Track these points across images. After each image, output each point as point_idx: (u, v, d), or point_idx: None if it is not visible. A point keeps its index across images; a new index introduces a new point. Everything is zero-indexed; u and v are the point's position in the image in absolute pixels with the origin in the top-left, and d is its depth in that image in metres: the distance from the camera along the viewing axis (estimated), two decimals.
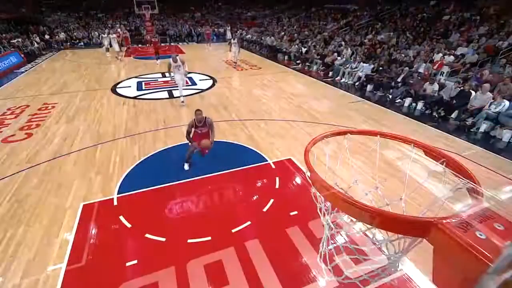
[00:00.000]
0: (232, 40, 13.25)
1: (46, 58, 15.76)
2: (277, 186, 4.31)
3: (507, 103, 6.24)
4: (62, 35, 20.25)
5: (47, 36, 19.64)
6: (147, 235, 3.34)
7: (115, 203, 3.93)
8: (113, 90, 9.49)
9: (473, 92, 6.92)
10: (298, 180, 4.51)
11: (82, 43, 20.82)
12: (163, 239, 3.29)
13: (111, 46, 15.04)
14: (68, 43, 19.96)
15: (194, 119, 4.46)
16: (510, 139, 5.87)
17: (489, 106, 6.43)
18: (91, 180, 4.44)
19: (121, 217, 3.62)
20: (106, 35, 15.92)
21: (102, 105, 7.98)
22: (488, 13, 11.48)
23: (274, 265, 2.98)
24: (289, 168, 4.83)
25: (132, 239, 3.34)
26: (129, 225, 3.51)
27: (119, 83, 10.38)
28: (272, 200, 3.98)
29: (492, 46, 9.19)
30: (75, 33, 21.42)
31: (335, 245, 1.74)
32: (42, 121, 6.86)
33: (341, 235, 1.86)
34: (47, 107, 7.82)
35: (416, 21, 13.63)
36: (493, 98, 6.51)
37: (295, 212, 3.74)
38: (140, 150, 5.36)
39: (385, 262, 1.69)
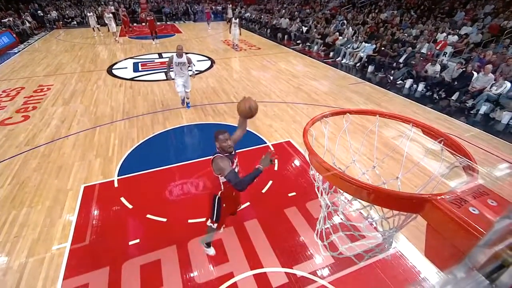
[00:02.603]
0: (233, 19, 12.06)
1: (39, 38, 15.29)
2: (275, 168, 4.35)
3: (508, 84, 6.17)
4: (54, 14, 19.49)
5: (40, 13, 18.91)
6: (148, 216, 3.41)
7: (116, 185, 3.98)
8: (109, 71, 9.30)
9: (475, 73, 6.81)
10: (296, 162, 4.55)
11: (75, 22, 20.10)
12: (164, 220, 3.37)
13: (103, 25, 14.51)
14: (61, 22, 19.26)
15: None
16: (509, 121, 5.87)
17: (490, 88, 6.36)
18: (91, 162, 4.46)
19: (122, 199, 3.68)
20: (91, 14, 15.44)
21: (99, 87, 7.85)
22: None
23: (272, 243, 3.08)
24: (288, 150, 4.85)
25: (133, 219, 3.42)
26: (130, 206, 3.57)
27: (114, 64, 10.15)
28: (271, 182, 4.03)
29: (497, 26, 8.93)
30: (67, 12, 20.61)
31: (332, 223, 1.78)
32: (39, 103, 6.77)
33: (337, 214, 1.91)
34: (43, 89, 7.70)
35: None
36: (495, 80, 6.43)
37: (293, 193, 3.81)
38: (138, 132, 5.35)
39: (379, 239, 1.74)
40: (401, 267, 2.83)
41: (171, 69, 5.71)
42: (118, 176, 4.14)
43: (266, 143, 5.02)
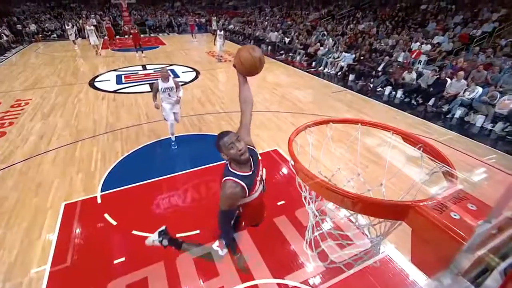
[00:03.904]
0: (218, 31, 12.05)
1: (17, 52, 14.81)
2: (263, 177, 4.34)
3: (480, 89, 6.55)
4: (32, 27, 19.00)
5: (19, 26, 18.36)
6: (134, 232, 3.30)
7: (99, 201, 3.83)
8: (91, 84, 9.10)
9: (448, 80, 7.20)
10: (284, 170, 4.57)
11: (55, 35, 19.66)
12: (151, 235, 3.26)
13: (83, 38, 14.26)
14: (40, 35, 18.78)
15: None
16: (482, 124, 6.20)
17: (463, 93, 6.73)
18: (72, 178, 4.29)
19: (106, 215, 3.55)
20: (69, 27, 15.23)
21: (80, 100, 7.65)
22: (463, 2, 11.85)
23: (263, 254, 3.05)
24: (275, 158, 4.88)
25: (118, 236, 3.29)
26: (114, 223, 3.45)
27: (97, 76, 9.96)
28: None
29: (467, 35, 9.54)
30: (46, 25, 20.15)
31: (320, 231, 1.80)
32: (16, 118, 6.50)
33: (326, 221, 1.92)
34: (20, 104, 7.40)
35: (395, 11, 13.86)
36: (467, 85, 6.81)
37: (282, 202, 3.81)
38: (123, 145, 5.22)
39: (368, 245, 1.77)
40: (391, 271, 2.87)
41: (155, 98, 4.82)
42: (101, 191, 4.00)
43: None
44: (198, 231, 3.30)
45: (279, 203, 3.79)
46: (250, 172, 1.75)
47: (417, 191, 1.59)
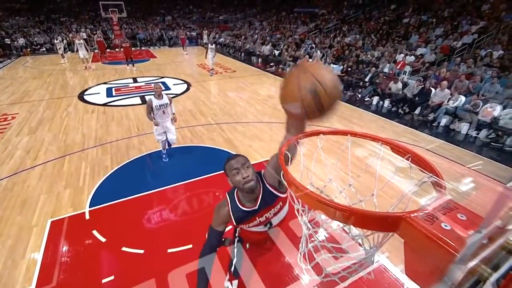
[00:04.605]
0: (209, 45, 11.81)
1: (4, 66, 14.58)
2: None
3: (463, 98, 6.80)
4: (21, 41, 18.82)
5: (7, 41, 18.15)
6: (124, 249, 3.20)
7: (87, 217, 3.72)
8: (81, 97, 9.00)
9: (433, 89, 7.46)
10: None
11: (44, 49, 19.51)
12: (141, 251, 3.17)
13: (74, 51, 14.18)
14: (29, 49, 18.60)
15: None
16: (467, 131, 6.41)
17: (447, 102, 6.97)
18: (59, 194, 4.17)
19: (95, 232, 3.44)
20: (58, 41, 15.22)
21: (69, 114, 7.53)
22: (443, 16, 12.46)
23: (257, 267, 2.99)
24: None
25: (107, 254, 3.19)
26: (103, 240, 3.34)
27: (86, 90, 9.86)
28: None
29: (448, 46, 9.99)
30: (35, 38, 20.01)
31: (314, 244, 1.79)
32: (1, 133, 6.33)
33: (319, 233, 1.92)
34: (7, 118, 7.23)
35: (379, 24, 14.44)
36: (451, 94, 7.07)
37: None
38: (112, 159, 5.13)
39: (362, 256, 1.77)
40: (386, 280, 2.86)
41: (150, 116, 4.54)
42: (89, 207, 3.89)
43: None
44: (190, 246, 3.23)
45: None
46: (252, 208, 1.59)
47: (409, 200, 1.62)
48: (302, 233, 1.86)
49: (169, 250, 3.19)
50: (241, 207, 1.57)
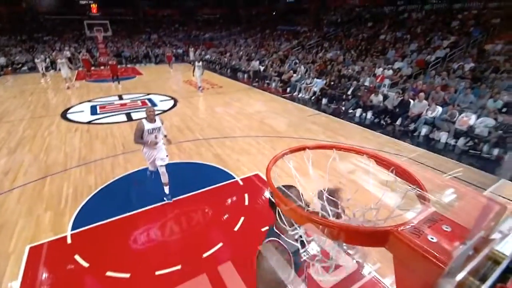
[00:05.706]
0: (196, 62, 11.72)
1: None
2: (246, 203, 4.31)
3: (440, 109, 7.16)
4: (2, 60, 18.38)
5: None
6: (108, 273, 3.06)
7: (69, 241, 3.55)
8: (64, 116, 8.79)
9: (411, 101, 7.82)
10: (267, 194, 4.57)
11: (26, 68, 19.10)
12: (127, 275, 3.04)
13: (57, 70, 13.93)
14: (9, 68, 18.15)
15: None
16: (446, 140, 6.70)
17: (426, 112, 7.31)
18: (39, 217, 3.98)
19: (77, 256, 3.28)
20: (38, 60, 15.01)
21: (51, 133, 7.32)
22: (416, 32, 13.27)
23: (247, 283, 2.93)
24: (256, 183, 4.88)
25: (90, 280, 3.03)
26: (86, 265, 3.18)
27: (69, 108, 9.67)
28: (242, 218, 3.95)
29: (423, 60, 10.59)
30: (17, 57, 19.60)
31: (306, 257, 1.78)
32: None
33: (311, 245, 1.92)
34: None
35: (358, 41, 15.18)
36: (428, 105, 7.42)
37: (267, 228, 3.74)
38: (96, 179, 4.99)
39: (354, 267, 1.78)
40: None
41: (140, 141, 4.07)
42: (71, 230, 3.72)
43: (234, 178, 5.01)
44: (179, 267, 3.13)
45: (263, 229, 3.73)
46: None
47: (395, 217, 1.66)
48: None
49: (157, 272, 3.07)
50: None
